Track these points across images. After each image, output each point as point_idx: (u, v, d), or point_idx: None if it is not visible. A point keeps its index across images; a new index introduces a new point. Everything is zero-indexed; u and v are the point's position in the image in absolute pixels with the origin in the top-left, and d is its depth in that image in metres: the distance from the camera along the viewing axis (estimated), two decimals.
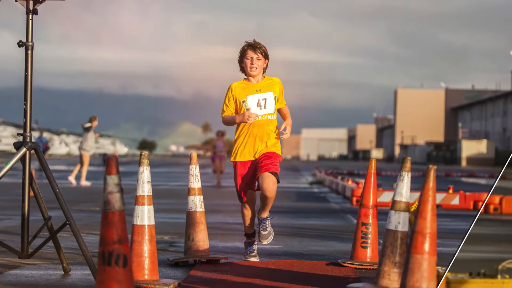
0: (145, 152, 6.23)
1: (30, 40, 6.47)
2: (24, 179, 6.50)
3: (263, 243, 7.63)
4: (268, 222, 7.61)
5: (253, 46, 7.43)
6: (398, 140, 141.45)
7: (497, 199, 15.31)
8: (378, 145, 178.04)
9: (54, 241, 6.59)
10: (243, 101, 7.39)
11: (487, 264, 8.05)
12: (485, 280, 5.77)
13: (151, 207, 6.13)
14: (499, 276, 5.83)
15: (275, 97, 7.43)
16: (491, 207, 15.32)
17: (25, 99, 6.42)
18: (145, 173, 6.12)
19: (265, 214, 7.58)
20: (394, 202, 5.61)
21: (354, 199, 16.28)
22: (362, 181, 16.15)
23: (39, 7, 6.55)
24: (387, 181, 30.46)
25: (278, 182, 7.33)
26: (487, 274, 5.85)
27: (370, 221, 7.33)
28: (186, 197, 7.48)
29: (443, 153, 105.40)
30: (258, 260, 7.67)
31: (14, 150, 6.51)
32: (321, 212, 14.87)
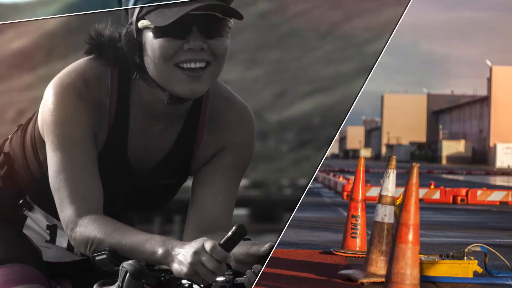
0: None
1: None
2: None
3: None
4: None
5: None
6: (384, 141, 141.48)
7: (463, 191, 15.59)
8: (367, 145, 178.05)
9: None
10: None
11: (455, 247, 8.08)
12: (453, 261, 5.81)
13: None
14: (465, 258, 5.87)
15: None
16: (459, 198, 15.60)
17: None
18: None
19: None
20: (381, 196, 5.59)
21: (345, 193, 16.25)
22: (352, 177, 16.09)
23: None
24: (375, 177, 30.44)
25: None
26: (455, 256, 5.89)
27: (359, 213, 7.31)
28: None
29: (425, 152, 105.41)
30: None
31: None
32: (315, 206, 14.85)
